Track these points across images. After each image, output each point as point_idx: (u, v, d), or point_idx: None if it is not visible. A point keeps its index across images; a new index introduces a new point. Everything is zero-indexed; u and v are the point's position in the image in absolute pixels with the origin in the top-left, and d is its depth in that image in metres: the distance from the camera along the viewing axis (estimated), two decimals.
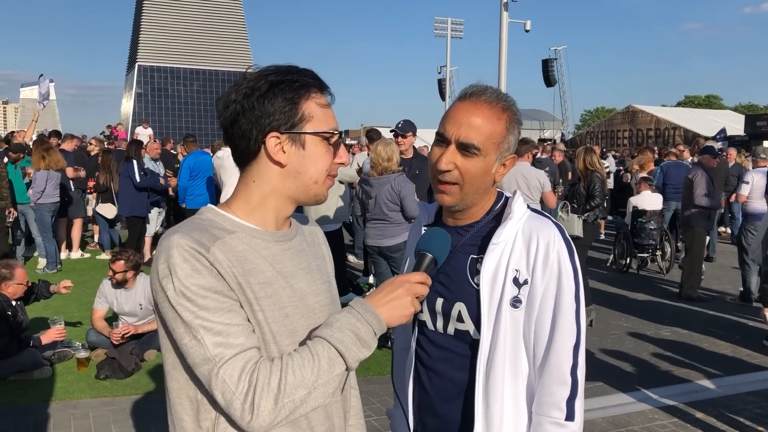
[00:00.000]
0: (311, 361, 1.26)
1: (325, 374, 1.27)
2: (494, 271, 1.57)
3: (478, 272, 1.60)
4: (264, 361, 1.26)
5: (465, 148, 1.56)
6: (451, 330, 1.66)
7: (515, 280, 1.56)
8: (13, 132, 13.36)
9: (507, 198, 1.69)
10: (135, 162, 9.41)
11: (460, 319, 1.63)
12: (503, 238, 1.58)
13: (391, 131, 6.60)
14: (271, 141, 1.35)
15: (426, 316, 1.71)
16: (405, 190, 5.72)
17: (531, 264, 1.55)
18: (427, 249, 1.47)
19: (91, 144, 12.32)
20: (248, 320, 1.30)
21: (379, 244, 5.94)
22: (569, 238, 1.62)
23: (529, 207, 1.65)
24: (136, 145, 10.08)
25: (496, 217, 1.65)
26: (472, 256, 1.64)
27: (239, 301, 1.30)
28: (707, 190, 7.98)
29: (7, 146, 10.94)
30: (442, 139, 1.61)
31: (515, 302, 1.56)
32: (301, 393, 1.25)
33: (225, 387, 1.22)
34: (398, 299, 1.34)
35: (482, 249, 1.61)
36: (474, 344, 1.61)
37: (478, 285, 1.59)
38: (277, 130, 1.35)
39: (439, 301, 1.67)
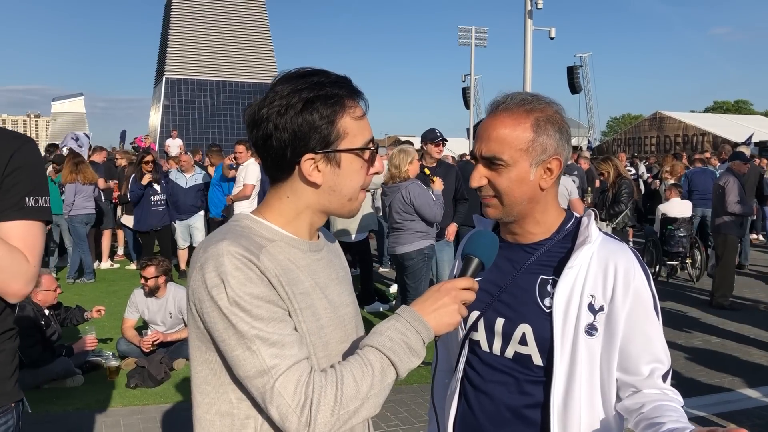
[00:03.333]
0: (365, 371, 1.23)
1: (377, 384, 1.24)
2: (569, 295, 1.49)
3: (548, 294, 1.52)
4: (317, 372, 1.22)
5: (490, 162, 1.52)
6: (509, 353, 1.56)
7: (590, 306, 1.48)
8: (56, 144, 13.54)
9: (578, 218, 1.61)
10: (132, 177, 9.59)
11: (523, 341, 1.54)
12: (578, 262, 1.50)
13: (435, 139, 6.53)
14: (307, 164, 1.31)
15: (481, 336, 1.61)
16: (416, 197, 5.60)
17: (609, 290, 1.48)
18: (474, 252, 1.43)
19: (117, 158, 12.50)
20: (296, 330, 1.27)
21: (393, 252, 5.94)
22: (645, 263, 1.57)
23: (600, 230, 1.58)
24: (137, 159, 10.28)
25: (567, 238, 1.57)
26: (542, 276, 1.55)
27: (288, 311, 1.26)
28: (740, 197, 7.85)
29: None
30: (473, 157, 1.60)
31: (590, 329, 1.48)
32: (356, 404, 1.21)
33: (281, 400, 1.18)
34: (445, 307, 1.31)
35: (556, 271, 1.53)
36: (538, 371, 1.53)
37: (548, 308, 1.51)
38: (312, 151, 1.30)
39: (500, 321, 1.57)
